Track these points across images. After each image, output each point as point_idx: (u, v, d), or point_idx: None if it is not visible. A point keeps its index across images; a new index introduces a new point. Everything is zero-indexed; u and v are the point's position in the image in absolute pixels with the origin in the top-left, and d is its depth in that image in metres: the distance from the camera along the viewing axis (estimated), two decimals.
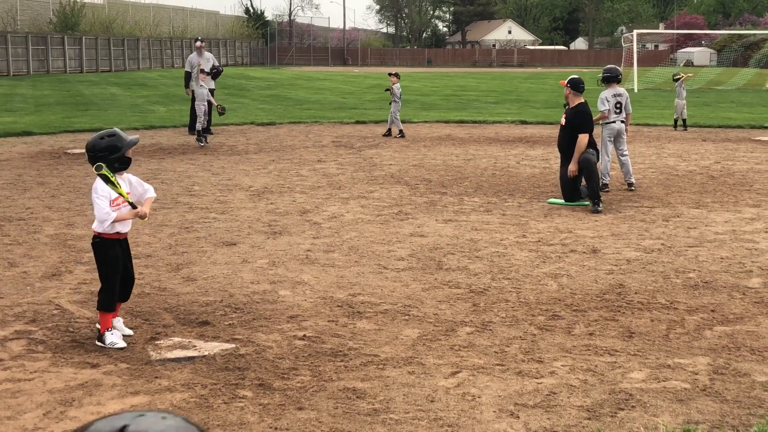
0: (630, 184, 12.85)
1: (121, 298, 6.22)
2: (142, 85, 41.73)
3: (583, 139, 11.50)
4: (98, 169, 5.80)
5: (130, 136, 6.10)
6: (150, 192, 6.18)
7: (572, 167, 11.43)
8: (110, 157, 5.88)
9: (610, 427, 4.70)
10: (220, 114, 18.97)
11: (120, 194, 5.89)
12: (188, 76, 21.29)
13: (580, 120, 11.65)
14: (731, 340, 6.17)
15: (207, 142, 18.32)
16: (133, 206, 5.98)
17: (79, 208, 10.98)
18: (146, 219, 6.06)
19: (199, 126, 18.47)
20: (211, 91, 20.80)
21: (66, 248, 8.86)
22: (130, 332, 6.18)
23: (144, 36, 70.51)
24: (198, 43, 21.66)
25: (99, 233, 5.98)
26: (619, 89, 13.15)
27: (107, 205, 5.90)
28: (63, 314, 6.64)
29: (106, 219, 5.90)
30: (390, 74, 21.27)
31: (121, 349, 5.86)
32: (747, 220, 10.52)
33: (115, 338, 5.92)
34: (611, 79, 13.16)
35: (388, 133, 20.57)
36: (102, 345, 5.90)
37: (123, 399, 5.03)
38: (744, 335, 6.28)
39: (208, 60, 21.42)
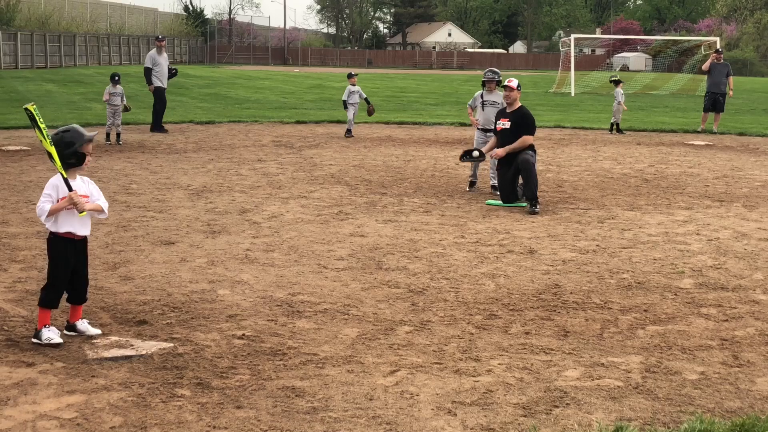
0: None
1: (76, 301, 6.13)
2: (79, 82, 41.11)
3: (528, 139, 11.75)
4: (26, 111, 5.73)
5: (88, 133, 6.02)
6: (102, 202, 6.08)
7: (500, 151, 11.65)
8: (64, 152, 5.84)
9: (545, 424, 4.79)
10: (126, 110, 18.79)
11: (42, 137, 5.83)
12: (149, 72, 21.31)
13: (529, 122, 11.94)
14: (663, 339, 6.32)
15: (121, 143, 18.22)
16: (70, 188, 5.86)
17: (13, 206, 10.80)
18: (83, 213, 5.91)
19: (107, 129, 18.43)
20: (163, 90, 21.23)
21: (0, 246, 8.71)
22: (98, 332, 6.11)
23: (81, 32, 69.41)
24: (159, 42, 21.90)
25: (52, 231, 5.92)
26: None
27: (47, 199, 5.84)
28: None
29: (40, 214, 5.85)
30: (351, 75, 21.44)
31: (58, 345, 5.78)
32: (679, 223, 10.76)
33: (51, 334, 5.84)
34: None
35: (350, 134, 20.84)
36: (38, 342, 5.82)
37: (59, 398, 4.97)
38: (675, 334, 6.43)
39: (167, 59, 21.45)
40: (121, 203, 11.26)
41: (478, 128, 13.26)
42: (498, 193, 12.28)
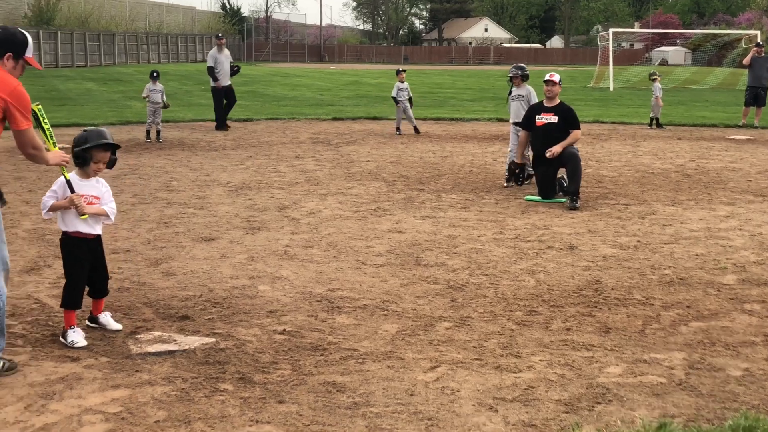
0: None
1: (96, 295, 6.20)
2: (118, 81, 41.52)
3: (578, 134, 11.80)
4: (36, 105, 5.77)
5: (105, 139, 5.97)
6: (109, 208, 6.04)
7: (557, 149, 11.48)
8: (74, 148, 5.93)
9: (587, 420, 4.76)
10: (165, 107, 18.90)
11: (45, 138, 5.89)
12: (211, 71, 21.56)
13: (576, 116, 11.92)
14: (706, 335, 6.26)
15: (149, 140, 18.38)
16: (72, 190, 5.91)
17: None
18: (84, 216, 5.88)
19: (147, 126, 18.60)
20: (230, 88, 21.47)
21: (44, 243, 8.83)
22: (119, 327, 6.18)
23: (120, 31, 70.07)
24: (219, 40, 22.18)
25: (63, 230, 5.99)
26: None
27: (52, 196, 5.89)
28: (42, 308, 6.63)
29: (42, 208, 5.94)
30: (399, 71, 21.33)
31: (82, 348, 5.81)
32: (721, 218, 10.65)
33: (75, 337, 5.87)
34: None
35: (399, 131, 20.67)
36: (64, 342, 5.87)
37: (104, 392, 5.03)
38: (719, 331, 6.37)
39: (228, 57, 21.73)
40: (162, 200, 11.36)
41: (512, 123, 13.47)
42: (508, 173, 12.21)
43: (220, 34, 23.10)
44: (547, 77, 12.02)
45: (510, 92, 13.65)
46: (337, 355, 5.71)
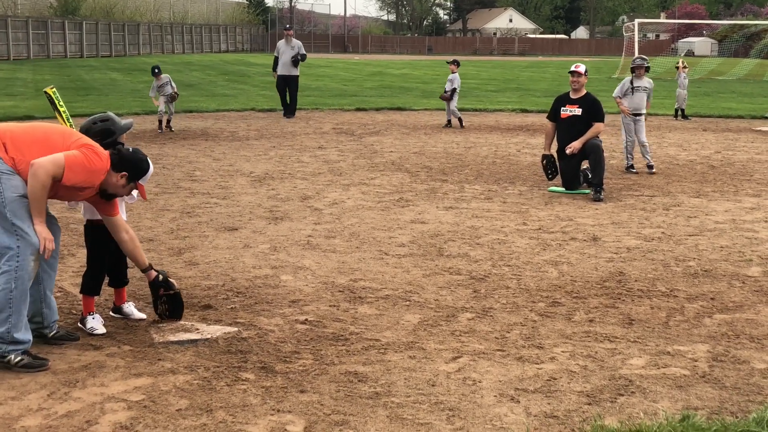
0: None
1: (116, 284, 6.23)
2: (143, 71, 41.65)
3: (601, 126, 11.70)
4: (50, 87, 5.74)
5: (123, 121, 6.08)
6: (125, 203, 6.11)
7: (577, 144, 11.39)
8: (103, 142, 5.79)
9: (610, 412, 4.74)
10: (173, 99, 18.92)
11: (62, 120, 5.89)
12: (276, 61, 22.19)
13: (600, 109, 11.84)
14: (730, 327, 6.21)
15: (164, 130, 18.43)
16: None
17: None
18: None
19: (159, 116, 18.68)
20: (295, 77, 21.96)
21: (68, 231, 8.88)
22: (143, 316, 6.21)
23: (144, 21, 70.36)
24: (286, 31, 22.76)
25: (87, 218, 6.02)
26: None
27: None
28: (66, 296, 6.67)
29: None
30: (449, 62, 21.19)
31: (102, 335, 5.84)
32: (747, 210, 10.55)
33: (95, 324, 5.91)
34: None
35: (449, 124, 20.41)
36: (83, 328, 5.91)
37: (126, 380, 5.06)
38: (743, 323, 6.31)
39: (294, 47, 22.06)
40: (185, 190, 11.40)
41: (628, 115, 13.81)
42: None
43: (288, 26, 23.82)
44: (572, 68, 11.92)
45: (630, 82, 13.87)
46: (358, 345, 5.71)
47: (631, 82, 13.82)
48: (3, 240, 5.16)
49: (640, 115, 13.75)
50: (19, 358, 5.19)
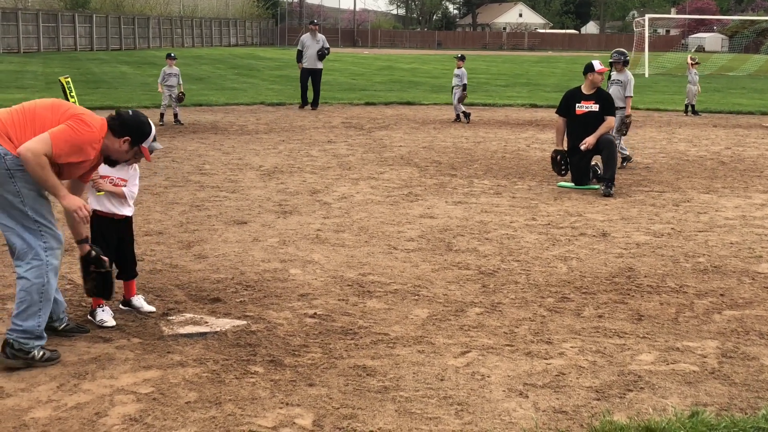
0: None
1: (125, 277, 6.23)
2: (153, 64, 41.70)
3: (612, 121, 11.77)
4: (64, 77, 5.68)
5: (157, 143, 5.85)
6: (128, 191, 6.02)
7: (591, 140, 11.34)
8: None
9: (618, 408, 4.73)
10: (180, 101, 18.95)
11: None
12: (298, 54, 22.91)
13: (612, 104, 11.88)
14: (740, 324, 6.19)
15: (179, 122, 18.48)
16: None
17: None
18: (101, 193, 5.95)
19: (162, 109, 18.82)
20: (319, 70, 22.66)
21: None
22: (152, 309, 6.22)
23: (154, 14, 70.42)
24: (311, 26, 23.34)
25: (94, 209, 6.02)
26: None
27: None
28: (76, 289, 6.68)
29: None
30: (456, 57, 21.24)
31: (112, 327, 5.85)
32: (757, 206, 10.52)
33: (105, 316, 5.92)
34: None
35: (458, 119, 20.36)
36: (93, 321, 5.92)
37: (135, 373, 5.07)
38: (753, 320, 6.29)
39: (319, 41, 22.60)
40: (194, 183, 11.42)
41: None
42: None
43: (315, 20, 24.51)
44: (599, 67, 11.82)
45: (610, 77, 13.78)
46: (367, 339, 5.72)
47: (609, 77, 13.77)
48: (29, 239, 5.17)
49: (620, 108, 13.20)
50: (42, 352, 5.21)
